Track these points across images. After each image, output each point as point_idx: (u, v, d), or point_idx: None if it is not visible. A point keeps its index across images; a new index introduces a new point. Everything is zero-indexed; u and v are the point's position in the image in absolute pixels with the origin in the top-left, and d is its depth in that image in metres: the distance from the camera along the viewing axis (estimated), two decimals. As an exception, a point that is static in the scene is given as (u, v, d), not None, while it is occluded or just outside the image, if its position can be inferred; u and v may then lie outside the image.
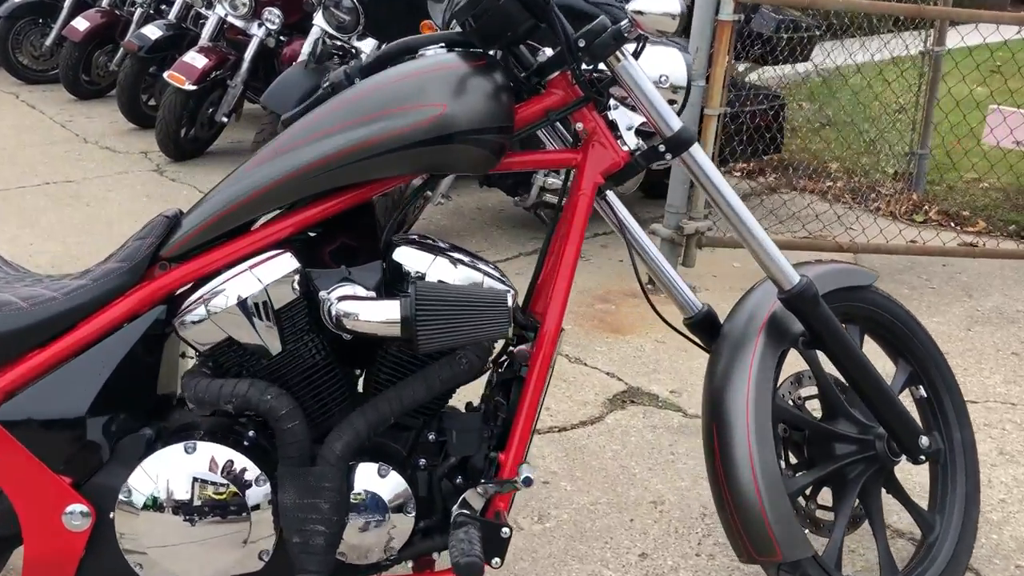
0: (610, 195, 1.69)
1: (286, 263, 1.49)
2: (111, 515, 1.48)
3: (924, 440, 1.75)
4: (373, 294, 1.49)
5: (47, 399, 1.47)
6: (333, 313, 1.45)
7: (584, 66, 1.56)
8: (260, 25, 4.81)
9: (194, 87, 4.63)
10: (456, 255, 1.57)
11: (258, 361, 1.50)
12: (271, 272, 1.48)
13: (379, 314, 1.42)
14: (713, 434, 1.66)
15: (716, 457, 1.65)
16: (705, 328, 1.83)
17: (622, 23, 1.52)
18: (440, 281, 1.48)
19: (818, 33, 4.51)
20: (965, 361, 3.00)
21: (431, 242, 1.63)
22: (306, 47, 4.37)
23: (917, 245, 3.84)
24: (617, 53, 1.54)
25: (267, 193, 1.50)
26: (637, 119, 1.69)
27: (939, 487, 1.89)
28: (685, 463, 2.35)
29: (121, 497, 1.46)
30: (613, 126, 1.64)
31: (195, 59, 4.68)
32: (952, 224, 4.48)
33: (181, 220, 1.56)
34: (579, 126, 1.60)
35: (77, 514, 1.48)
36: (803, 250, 3.77)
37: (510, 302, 1.46)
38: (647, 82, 1.57)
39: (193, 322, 1.48)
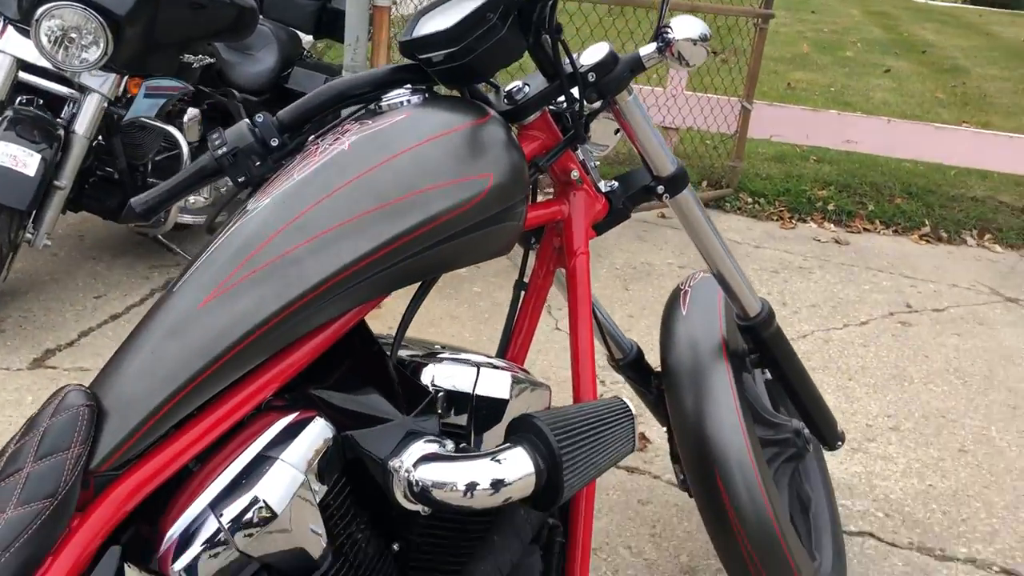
0: None
1: (321, 432, 1.01)
2: None
3: (840, 429, 1.86)
4: (451, 445, 1.08)
5: None
6: (418, 484, 1.02)
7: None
8: None
9: None
10: (473, 357, 1.22)
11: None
12: (307, 450, 1.00)
13: (509, 473, 1.02)
14: (715, 477, 1.55)
15: (722, 497, 1.55)
16: (637, 368, 1.72)
17: (641, 52, 1.29)
18: (547, 414, 1.12)
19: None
20: (650, 320, 3.25)
21: (434, 347, 1.25)
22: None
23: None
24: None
25: (260, 339, 0.99)
26: (591, 155, 1.46)
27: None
28: None
29: None
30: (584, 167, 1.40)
31: None
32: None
33: (102, 406, 0.96)
34: (574, 174, 1.34)
35: None
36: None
37: (633, 410, 1.17)
38: (648, 118, 1.37)
39: (206, 557, 0.93)
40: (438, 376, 1.14)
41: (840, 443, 1.86)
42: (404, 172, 1.08)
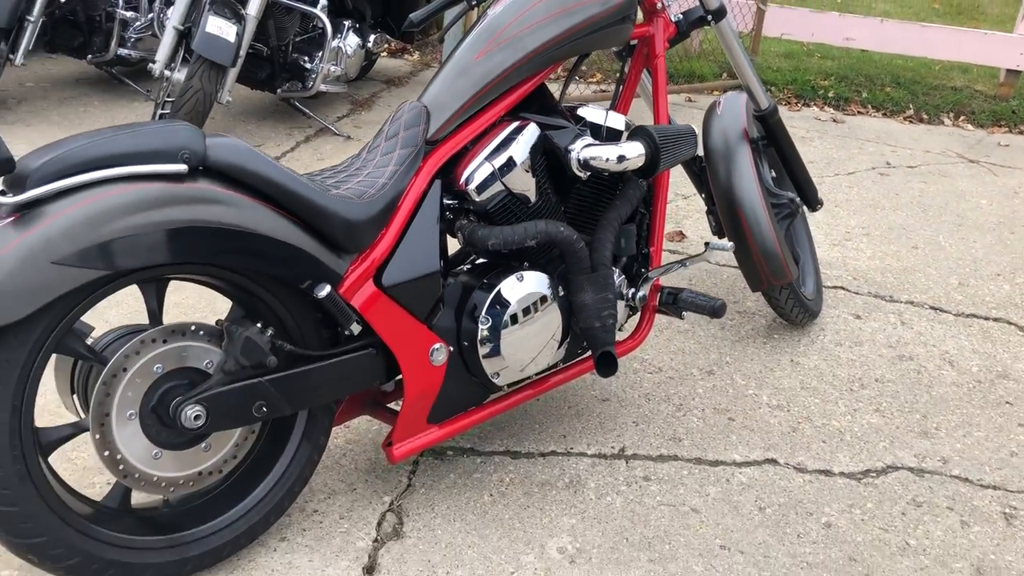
0: None
1: (534, 130, 1.94)
2: (464, 344, 1.86)
3: (820, 197, 2.79)
4: (599, 142, 2.01)
5: (404, 265, 1.77)
6: (582, 159, 1.94)
7: None
8: None
9: None
10: (600, 108, 2.14)
11: (522, 207, 1.94)
12: (530, 137, 1.93)
13: (629, 153, 1.95)
14: (740, 215, 2.48)
15: (744, 226, 2.47)
16: None
17: None
18: (650, 126, 2.05)
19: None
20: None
21: (577, 103, 2.17)
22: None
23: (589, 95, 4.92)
24: None
25: (510, 73, 1.91)
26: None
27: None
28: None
29: (483, 327, 1.85)
30: (658, 4, 2.29)
31: None
32: (578, 78, 5.66)
33: (428, 109, 1.89)
34: (659, 5, 2.23)
35: (438, 351, 1.83)
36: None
37: (698, 132, 2.09)
38: None
39: (483, 181, 1.86)
40: (586, 114, 2.06)
41: (820, 206, 2.79)
42: None
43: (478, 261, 2.01)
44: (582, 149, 1.96)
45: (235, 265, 1.57)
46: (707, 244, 2.25)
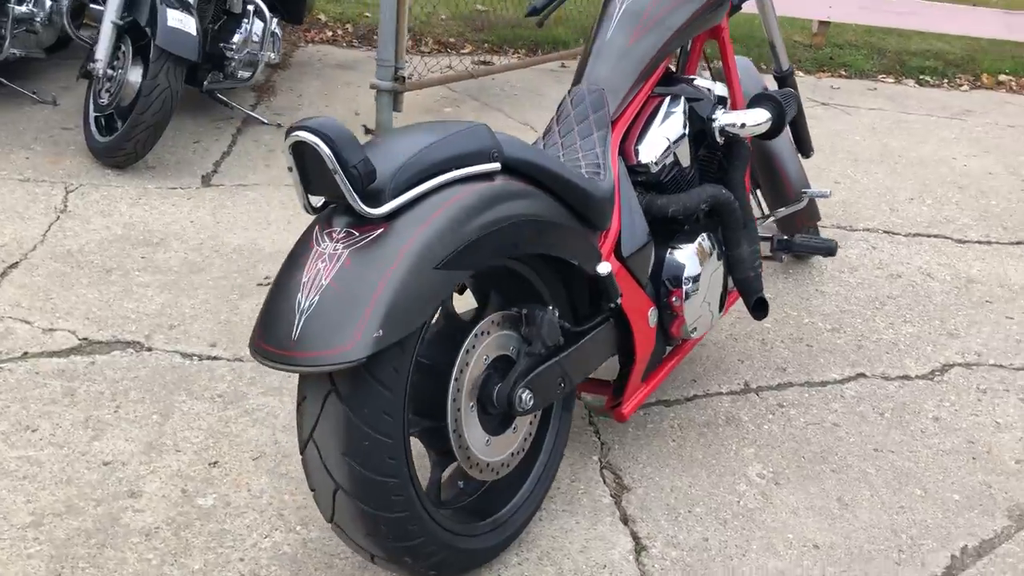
0: None
1: (684, 103, 2.13)
2: (662, 304, 2.03)
3: (812, 146, 3.16)
4: (732, 110, 2.22)
5: (631, 237, 1.90)
6: (722, 125, 2.15)
7: None
8: None
9: None
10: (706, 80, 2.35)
11: (683, 175, 2.12)
12: (682, 107, 2.11)
13: (758, 119, 2.17)
14: (778, 167, 2.78)
15: (782, 176, 2.79)
16: None
17: None
18: (769, 92, 2.27)
19: None
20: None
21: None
22: None
23: (478, 69, 5.04)
24: None
25: (661, 53, 2.09)
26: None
27: None
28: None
29: (686, 287, 2.02)
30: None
31: None
32: (447, 49, 5.75)
33: (603, 91, 2.02)
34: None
35: (653, 314, 1.98)
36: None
37: (799, 95, 2.36)
38: None
39: (658, 152, 2.03)
40: (704, 85, 2.26)
41: (812, 153, 3.17)
42: None
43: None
44: (720, 117, 2.16)
45: (535, 251, 1.64)
46: (803, 192, 2.53)
